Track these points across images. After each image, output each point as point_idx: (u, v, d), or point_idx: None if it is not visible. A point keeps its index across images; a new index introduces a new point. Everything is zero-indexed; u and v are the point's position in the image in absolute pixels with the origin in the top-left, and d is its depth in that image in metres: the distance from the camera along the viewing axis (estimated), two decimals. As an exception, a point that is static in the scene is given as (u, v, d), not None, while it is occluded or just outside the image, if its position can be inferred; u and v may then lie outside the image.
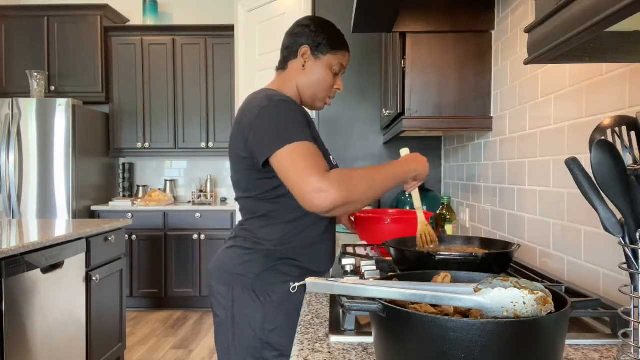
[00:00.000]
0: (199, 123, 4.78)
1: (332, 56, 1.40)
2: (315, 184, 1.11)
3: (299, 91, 1.41)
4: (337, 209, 1.13)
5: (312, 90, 1.41)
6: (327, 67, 1.40)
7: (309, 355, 0.79)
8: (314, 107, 1.46)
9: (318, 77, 1.39)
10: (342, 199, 1.11)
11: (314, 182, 1.11)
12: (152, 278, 4.52)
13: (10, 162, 4.17)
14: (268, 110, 1.24)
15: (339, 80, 1.44)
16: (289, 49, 1.41)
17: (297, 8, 3.30)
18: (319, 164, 1.15)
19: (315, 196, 1.11)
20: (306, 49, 1.38)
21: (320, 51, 1.39)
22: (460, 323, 0.57)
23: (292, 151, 1.17)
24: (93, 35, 4.65)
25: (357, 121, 2.99)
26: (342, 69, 1.43)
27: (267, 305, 1.31)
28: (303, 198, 1.14)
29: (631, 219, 0.69)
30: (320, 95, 1.42)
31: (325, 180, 1.11)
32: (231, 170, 1.40)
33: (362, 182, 1.17)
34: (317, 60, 1.39)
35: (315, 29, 1.39)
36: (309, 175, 1.12)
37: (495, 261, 1.13)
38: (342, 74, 1.46)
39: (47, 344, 2.31)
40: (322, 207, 1.12)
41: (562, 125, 1.34)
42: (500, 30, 1.86)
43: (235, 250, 1.37)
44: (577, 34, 0.62)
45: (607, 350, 0.81)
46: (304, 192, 1.13)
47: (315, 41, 1.38)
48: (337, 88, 1.44)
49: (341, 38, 1.43)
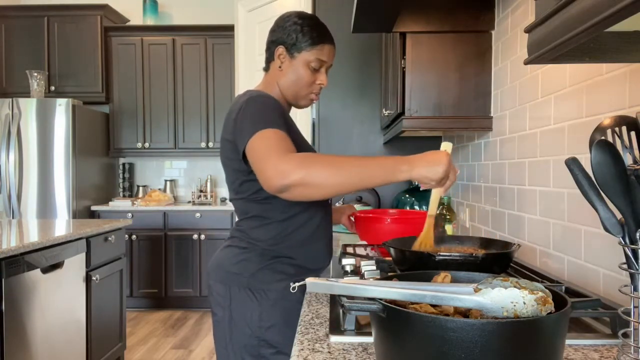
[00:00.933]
0: (199, 123, 4.78)
1: (308, 52, 1.36)
2: (274, 162, 1.09)
3: (282, 91, 1.41)
4: (294, 189, 1.08)
5: (293, 90, 1.40)
6: (304, 65, 1.37)
7: (309, 355, 0.79)
8: (298, 105, 1.45)
9: (296, 75, 1.38)
10: (299, 179, 1.07)
11: (273, 160, 1.10)
12: (152, 278, 4.52)
13: (10, 162, 4.17)
14: (246, 106, 1.26)
15: (321, 76, 1.40)
16: (269, 51, 1.42)
17: (297, 8, 3.30)
18: (281, 146, 1.13)
19: (273, 174, 1.08)
20: (281, 49, 1.38)
21: (296, 49, 1.36)
22: (460, 323, 0.57)
23: (260, 137, 1.16)
24: (93, 35, 4.65)
25: (357, 121, 2.99)
26: (322, 64, 1.39)
27: (264, 303, 1.32)
28: (263, 179, 1.12)
29: (631, 219, 0.69)
30: (302, 93, 1.41)
31: (285, 160, 1.09)
32: (225, 173, 1.41)
33: (328, 166, 1.09)
34: (293, 60, 1.37)
35: (290, 26, 1.37)
36: (270, 157, 1.11)
37: (495, 261, 1.13)
38: (328, 68, 1.42)
39: (47, 344, 2.31)
40: (278, 185, 1.08)
41: (562, 125, 1.34)
42: (500, 30, 1.86)
43: (231, 249, 1.39)
44: (577, 34, 0.62)
45: (607, 350, 0.81)
46: (264, 172, 1.11)
47: (289, 40, 1.36)
48: (319, 84, 1.41)
49: (318, 31, 1.37)
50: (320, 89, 1.43)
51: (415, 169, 1.12)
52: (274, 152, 1.11)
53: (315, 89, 1.41)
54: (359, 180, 1.11)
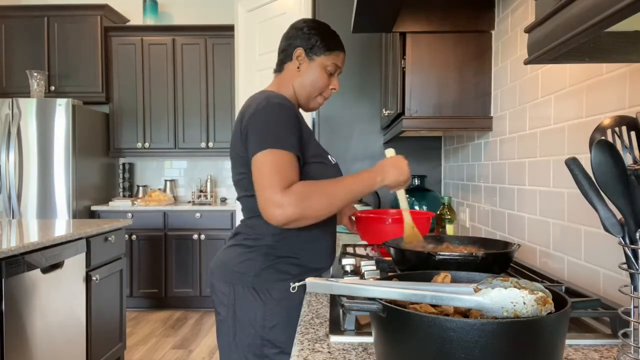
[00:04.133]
0: (199, 123, 4.78)
1: (326, 57, 1.44)
2: (274, 197, 1.19)
3: (295, 92, 1.46)
4: (291, 224, 1.21)
5: (307, 91, 1.45)
6: (322, 68, 1.44)
7: (309, 355, 0.79)
8: (308, 107, 1.50)
9: (313, 78, 1.44)
10: (296, 216, 1.20)
11: (274, 195, 1.19)
12: (152, 278, 4.52)
13: (10, 162, 4.17)
14: (264, 110, 1.29)
15: (334, 80, 1.48)
16: (285, 52, 1.47)
17: (297, 8, 3.30)
18: (285, 177, 1.22)
19: (272, 209, 1.19)
20: (300, 51, 1.43)
21: (314, 52, 1.43)
22: (460, 323, 0.57)
23: (267, 157, 1.24)
24: (93, 35, 4.65)
25: (357, 121, 2.99)
26: (337, 69, 1.47)
27: (268, 302, 1.33)
28: (262, 208, 1.22)
29: (631, 219, 0.69)
30: (314, 94, 1.47)
31: (285, 195, 1.19)
32: (232, 170, 1.43)
33: (321, 199, 1.23)
34: (312, 62, 1.44)
35: (309, 31, 1.43)
36: (272, 187, 1.20)
37: (495, 261, 1.13)
38: (338, 74, 1.49)
39: (47, 344, 2.31)
40: (277, 220, 1.20)
41: (562, 125, 1.34)
42: (500, 30, 1.86)
43: (235, 249, 1.40)
44: (577, 34, 0.62)
45: (607, 350, 0.81)
46: (264, 203, 1.21)
47: (309, 43, 1.43)
48: (332, 88, 1.48)
49: (335, 39, 1.46)
50: (331, 94, 1.51)
51: (387, 177, 1.33)
52: (276, 182, 1.21)
53: (327, 92, 1.49)
54: (345, 200, 1.28)
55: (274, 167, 1.22)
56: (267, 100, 1.31)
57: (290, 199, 1.19)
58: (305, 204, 1.20)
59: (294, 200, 1.19)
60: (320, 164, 1.37)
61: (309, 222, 1.24)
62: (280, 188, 1.20)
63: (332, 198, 1.25)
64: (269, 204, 1.20)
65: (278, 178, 1.21)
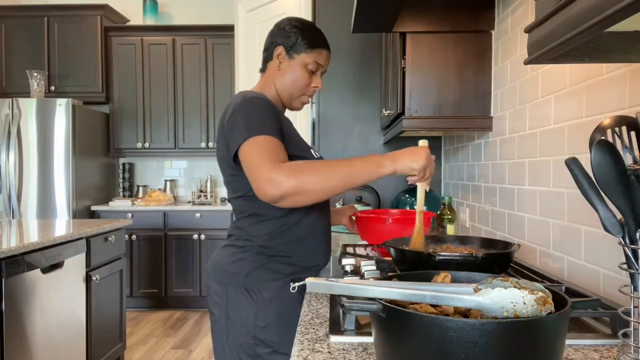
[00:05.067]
0: (199, 123, 4.78)
1: (307, 55, 1.41)
2: (266, 173, 1.14)
3: (277, 91, 1.45)
4: (288, 198, 1.14)
5: (289, 90, 1.44)
6: (302, 66, 1.41)
7: (309, 355, 0.79)
8: (292, 106, 1.48)
9: (294, 76, 1.42)
10: (292, 189, 1.13)
11: (265, 171, 1.14)
12: (152, 278, 4.52)
13: (10, 162, 4.17)
14: (240, 106, 1.28)
15: (316, 79, 1.45)
16: (267, 51, 1.46)
17: (297, 8, 3.30)
18: (273, 155, 1.18)
19: (266, 185, 1.14)
20: (281, 49, 1.42)
21: (295, 50, 1.41)
22: (460, 323, 0.57)
23: (253, 145, 1.20)
24: (93, 35, 4.65)
25: (357, 121, 2.99)
26: (319, 67, 1.44)
27: (259, 302, 1.33)
28: (257, 188, 1.17)
29: (631, 219, 0.69)
30: (296, 94, 1.44)
31: (276, 170, 1.14)
32: (221, 173, 1.42)
33: (317, 172, 1.16)
34: (292, 60, 1.42)
35: (290, 29, 1.42)
36: (262, 166, 1.16)
37: (495, 261, 1.13)
38: (323, 73, 1.47)
39: (47, 344, 2.31)
40: (272, 195, 1.14)
41: (562, 125, 1.34)
42: (500, 30, 1.86)
43: (228, 249, 1.41)
44: (577, 34, 0.62)
45: (607, 350, 0.81)
46: (257, 182, 1.16)
47: (289, 41, 1.41)
48: (314, 86, 1.45)
49: (316, 36, 1.43)
50: (314, 92, 1.48)
51: (399, 161, 1.20)
52: (266, 161, 1.16)
53: (309, 91, 1.46)
54: (346, 180, 1.18)
55: (262, 150, 1.18)
56: (242, 98, 1.31)
57: (283, 172, 1.14)
58: (300, 177, 1.13)
59: (287, 172, 1.14)
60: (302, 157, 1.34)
61: (306, 199, 1.16)
62: (269, 164, 1.15)
63: (330, 174, 1.16)
64: (261, 180, 1.15)
65: (268, 157, 1.17)
